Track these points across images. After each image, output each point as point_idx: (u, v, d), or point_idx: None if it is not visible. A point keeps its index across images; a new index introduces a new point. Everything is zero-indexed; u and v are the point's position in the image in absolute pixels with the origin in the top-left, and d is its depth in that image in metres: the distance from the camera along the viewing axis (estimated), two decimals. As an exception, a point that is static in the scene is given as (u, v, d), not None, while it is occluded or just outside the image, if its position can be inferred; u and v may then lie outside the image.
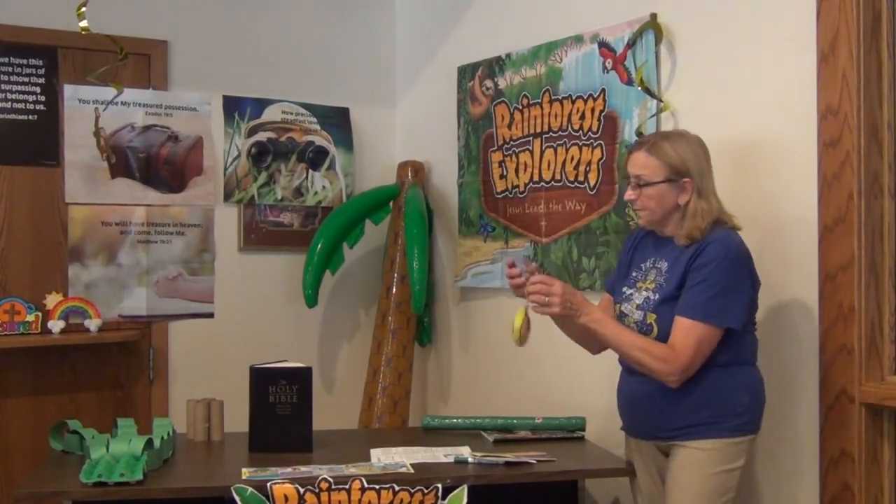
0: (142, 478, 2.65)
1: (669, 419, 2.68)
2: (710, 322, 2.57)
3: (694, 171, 2.67)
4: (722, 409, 2.64)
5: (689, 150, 2.70)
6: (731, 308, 2.59)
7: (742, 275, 2.63)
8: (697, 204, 2.67)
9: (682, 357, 2.57)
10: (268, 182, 4.42)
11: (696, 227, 2.65)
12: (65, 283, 4.00)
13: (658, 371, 2.60)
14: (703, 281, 2.59)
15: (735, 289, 2.61)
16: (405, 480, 2.63)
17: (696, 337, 2.57)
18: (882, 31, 2.76)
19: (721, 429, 2.64)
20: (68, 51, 4.00)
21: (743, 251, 2.65)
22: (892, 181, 2.78)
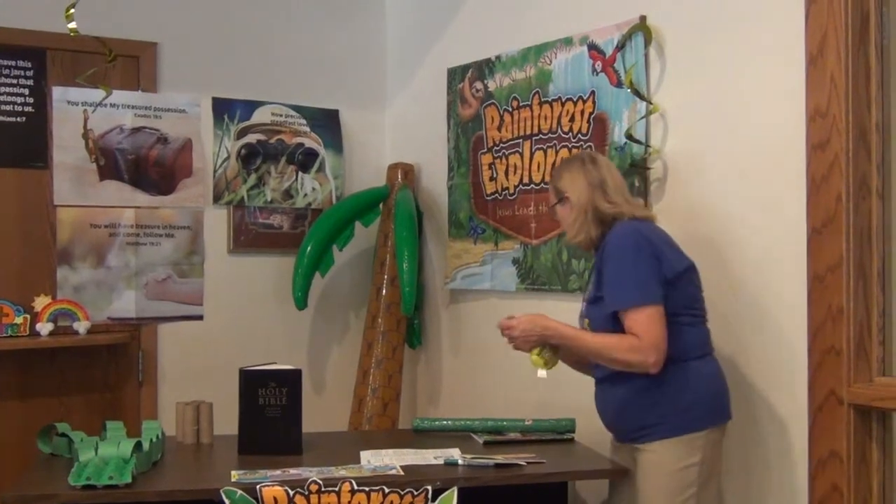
0: (131, 480, 2.64)
1: (627, 423, 2.82)
2: (638, 304, 2.67)
3: (567, 186, 2.89)
4: (666, 409, 2.73)
5: (567, 169, 2.92)
6: (642, 286, 2.68)
7: (640, 254, 2.71)
8: (574, 216, 2.87)
9: (646, 339, 2.65)
10: (257, 184, 4.42)
11: (577, 238, 2.88)
12: (53, 286, 3.99)
13: (636, 362, 2.67)
14: (609, 273, 2.74)
15: (637, 267, 2.71)
16: (395, 483, 2.63)
17: (642, 321, 2.66)
18: (870, 34, 2.77)
19: (668, 429, 2.72)
20: (57, 52, 3.99)
21: (636, 234, 2.75)
22: (880, 183, 2.79)
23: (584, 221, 2.84)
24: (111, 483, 2.61)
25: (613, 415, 2.87)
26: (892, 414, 2.79)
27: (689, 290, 2.79)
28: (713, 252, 3.12)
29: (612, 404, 2.86)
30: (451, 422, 3.43)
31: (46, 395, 3.99)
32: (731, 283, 3.06)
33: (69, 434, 3.03)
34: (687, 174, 3.23)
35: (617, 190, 2.87)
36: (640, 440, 2.77)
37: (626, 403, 2.79)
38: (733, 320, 3.05)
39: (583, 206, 2.85)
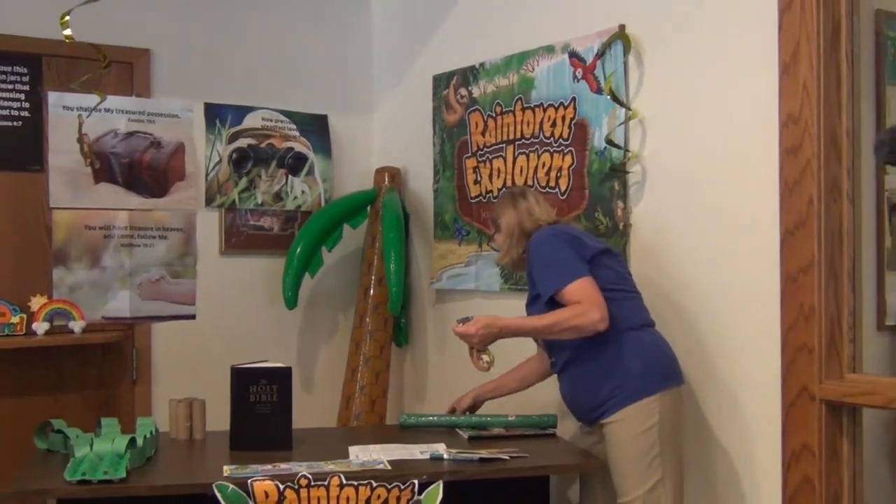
0: (125, 475, 2.64)
1: (589, 403, 2.91)
2: (570, 280, 2.80)
3: (500, 216, 3.09)
4: (619, 379, 2.83)
5: (500, 204, 3.14)
6: (568, 265, 2.83)
7: (558, 243, 2.89)
8: (502, 241, 3.09)
9: (585, 301, 2.78)
10: (248, 187, 4.41)
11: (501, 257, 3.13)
12: (49, 286, 3.97)
13: (584, 323, 2.78)
14: (539, 268, 2.90)
15: (559, 253, 2.87)
16: (382, 477, 2.63)
17: (577, 288, 2.80)
18: (841, 43, 2.79)
19: (623, 397, 2.82)
20: (52, 59, 3.98)
21: (551, 231, 2.95)
22: (850, 186, 2.80)
23: (511, 243, 3.04)
24: (106, 478, 2.60)
25: (576, 399, 2.97)
26: (863, 409, 2.81)
27: (614, 269, 2.94)
28: (689, 252, 3.13)
29: (572, 390, 2.97)
30: (436, 418, 3.43)
31: (43, 393, 3.98)
32: (705, 283, 3.08)
33: (65, 430, 3.02)
34: (665, 178, 3.24)
35: (544, 213, 3.07)
36: (603, 415, 2.85)
37: (585, 383, 2.90)
38: (707, 319, 3.07)
39: (510, 229, 3.05)
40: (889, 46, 3.26)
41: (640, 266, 3.20)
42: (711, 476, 3.07)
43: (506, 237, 3.07)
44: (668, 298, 3.14)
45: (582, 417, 3.02)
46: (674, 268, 3.17)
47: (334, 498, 2.56)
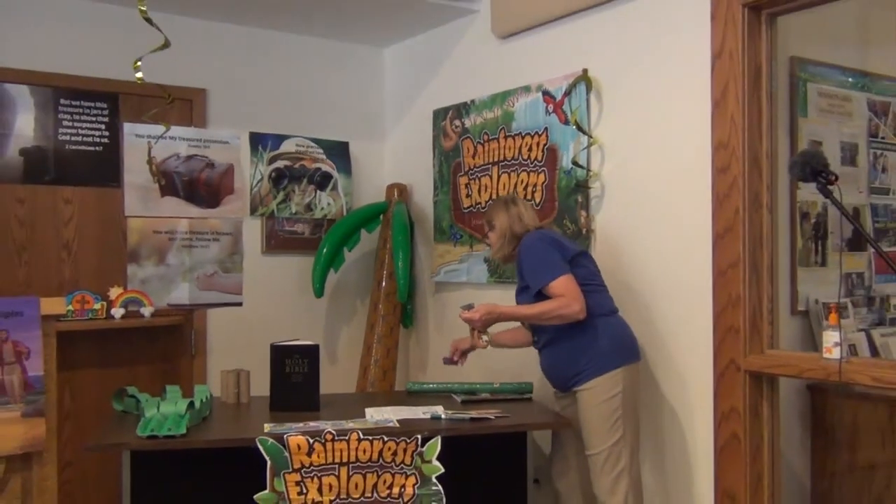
0: (185, 432, 2.63)
1: (566, 373, 2.88)
2: (555, 276, 2.78)
3: (495, 218, 3.03)
4: (591, 355, 2.81)
5: (494, 207, 3.07)
6: (553, 264, 2.80)
7: (544, 245, 2.86)
8: (495, 239, 3.05)
9: (568, 295, 2.76)
10: (284, 200, 4.39)
11: (494, 253, 3.07)
12: (125, 279, 3.95)
13: (567, 312, 2.77)
14: (527, 265, 2.87)
15: (545, 254, 2.83)
16: (392, 432, 2.62)
17: (560, 284, 2.77)
18: (762, 83, 2.78)
19: (594, 370, 2.80)
20: (127, 96, 3.95)
21: (539, 234, 2.92)
22: (769, 199, 2.79)
23: (504, 242, 3.01)
24: (170, 434, 2.59)
25: (556, 370, 2.94)
26: (779, 378, 2.80)
27: (587, 267, 2.91)
28: (639, 252, 3.12)
29: (553, 362, 2.94)
30: (436, 385, 3.42)
31: (119, 366, 3.96)
32: (652, 277, 3.07)
33: (137, 395, 3.01)
34: (619, 192, 3.23)
35: (531, 218, 3.02)
36: (577, 384, 2.84)
37: (563, 358, 2.88)
38: (653, 306, 3.06)
39: (503, 230, 3.01)
40: (800, 85, 3.26)
41: (600, 263, 3.18)
42: (660, 432, 3.06)
43: (499, 237, 3.03)
44: (625, 289, 3.13)
45: (558, 385, 3.00)
46: (628, 264, 3.16)
47: (354, 450, 2.55)
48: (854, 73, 3.47)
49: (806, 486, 3.29)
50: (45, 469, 2.20)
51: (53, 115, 3.85)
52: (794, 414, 3.28)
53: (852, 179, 3.46)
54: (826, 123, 3.37)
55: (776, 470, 2.79)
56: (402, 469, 2.59)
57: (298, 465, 2.52)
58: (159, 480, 2.62)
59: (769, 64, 2.78)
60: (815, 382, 3.18)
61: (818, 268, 3.33)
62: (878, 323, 3.52)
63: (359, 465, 2.55)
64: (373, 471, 2.56)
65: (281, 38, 4.41)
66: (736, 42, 2.75)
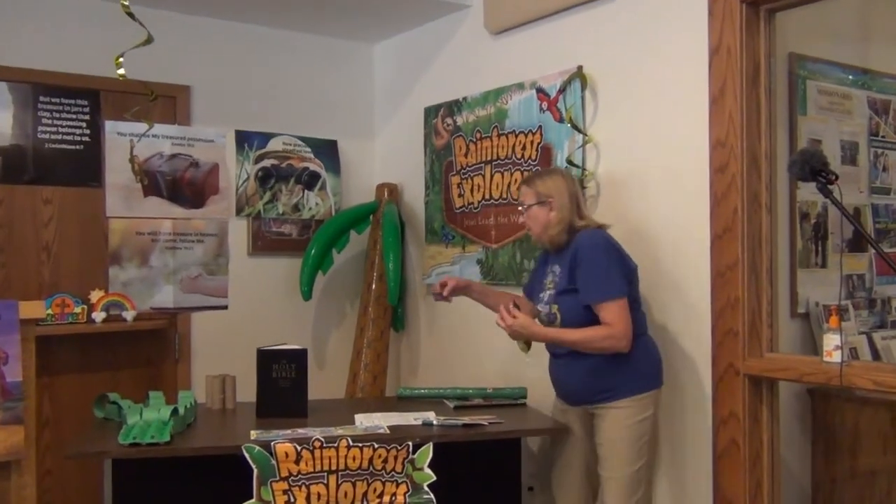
0: (169, 439, 2.62)
1: (594, 387, 2.76)
2: (612, 297, 2.66)
3: (555, 193, 2.80)
4: (629, 373, 2.72)
5: (551, 179, 2.84)
6: (615, 282, 2.68)
7: (610, 256, 2.71)
8: (554, 217, 2.80)
9: (618, 328, 2.64)
10: (271, 200, 4.38)
11: (552, 235, 2.80)
12: (106, 282, 3.92)
13: (611, 347, 2.67)
14: (586, 270, 2.69)
15: (610, 267, 2.69)
16: (383, 439, 2.62)
17: (613, 311, 2.65)
18: (761, 80, 2.79)
19: (630, 389, 2.72)
20: (109, 93, 3.95)
21: (605, 240, 2.75)
22: (768, 199, 2.80)
23: (562, 229, 2.79)
24: (153, 441, 2.58)
25: (580, 382, 2.79)
26: (779, 382, 2.81)
27: (636, 285, 2.81)
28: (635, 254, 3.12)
29: (578, 373, 2.79)
30: (427, 390, 3.41)
31: (100, 371, 3.94)
32: (649, 279, 3.07)
33: (119, 402, 3.00)
34: (614, 191, 3.24)
35: (583, 204, 2.88)
36: (606, 400, 2.74)
37: (592, 371, 2.74)
38: (650, 309, 3.06)
39: (564, 216, 2.80)
40: (800, 83, 3.27)
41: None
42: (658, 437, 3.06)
43: (557, 220, 2.79)
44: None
45: (574, 398, 2.87)
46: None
47: (343, 457, 2.54)
48: (854, 70, 3.49)
49: (807, 492, 3.30)
50: (24, 478, 2.19)
51: (32, 112, 3.83)
52: (794, 419, 3.29)
53: (853, 179, 3.47)
54: (826, 121, 3.39)
55: (776, 476, 2.80)
56: (392, 477, 2.58)
57: (286, 474, 2.51)
58: (142, 490, 2.61)
59: (768, 61, 2.79)
60: (816, 387, 3.19)
61: (818, 269, 3.34)
62: (880, 326, 3.54)
63: (348, 474, 2.55)
64: (363, 479, 2.56)
65: (267, 34, 4.40)
66: (734, 38, 2.76)
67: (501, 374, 3.66)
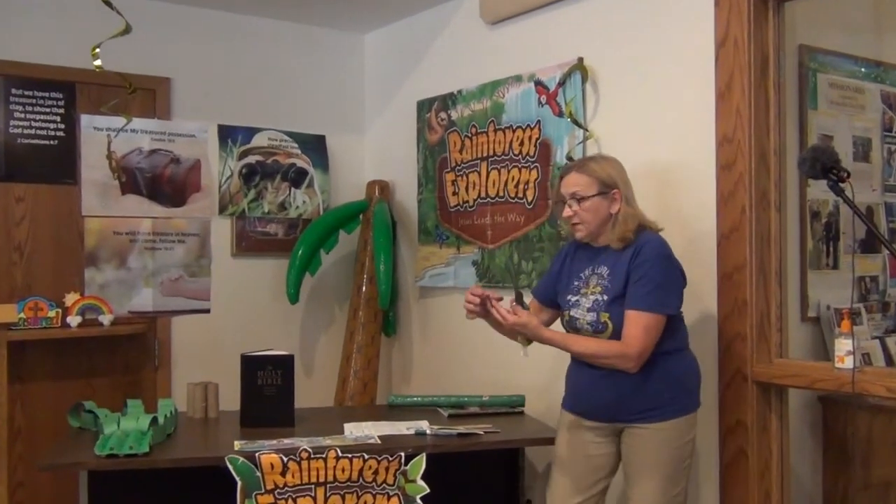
0: (148, 450, 2.61)
1: (630, 403, 2.55)
2: (654, 311, 2.49)
3: (620, 183, 2.62)
4: (676, 391, 2.57)
5: (612, 167, 2.65)
6: (669, 299, 2.53)
7: (674, 270, 2.58)
8: (627, 210, 2.60)
9: (633, 347, 2.48)
10: (256, 198, 4.38)
11: (626, 230, 2.57)
12: (82, 284, 3.92)
13: (617, 366, 2.51)
14: (644, 276, 2.50)
15: (670, 282, 2.55)
16: (373, 450, 2.62)
17: (643, 325, 2.48)
18: (769, 73, 2.80)
19: (678, 407, 2.56)
20: (84, 85, 3.94)
21: (670, 251, 2.59)
22: (777, 197, 2.81)
23: (635, 226, 2.59)
24: (131, 452, 2.58)
25: (618, 398, 2.56)
26: (789, 389, 2.82)
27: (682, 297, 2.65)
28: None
29: (617, 387, 2.56)
30: (420, 398, 3.42)
31: (76, 378, 3.93)
32: (654, 280, 3.07)
33: (95, 411, 2.99)
34: (617, 190, 3.24)
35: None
36: (649, 419, 2.54)
37: (639, 387, 2.53)
38: (656, 312, 3.06)
39: (636, 210, 2.63)
40: (810, 76, 3.28)
41: (596, 266, 3.19)
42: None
43: (629, 215, 2.59)
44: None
45: (602, 414, 2.63)
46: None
47: (331, 468, 2.54)
48: (867, 62, 3.50)
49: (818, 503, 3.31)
50: (-5, 491, 2.19)
51: (4, 106, 3.82)
52: (804, 427, 3.30)
53: (865, 176, 3.49)
54: (837, 116, 3.40)
55: (786, 487, 2.81)
56: (384, 489, 2.58)
57: (272, 486, 2.51)
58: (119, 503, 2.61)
59: (777, 53, 2.80)
60: (827, 393, 3.20)
61: (829, 271, 3.35)
62: (894, 330, 3.55)
63: (337, 486, 2.55)
64: (352, 491, 2.56)
65: (252, 23, 4.40)
66: (741, 29, 2.77)
67: (498, 381, 3.66)
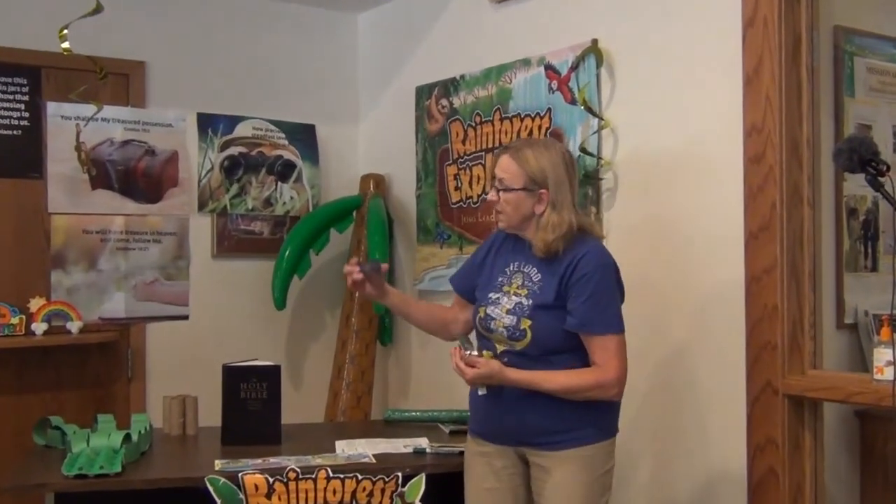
0: (120, 470, 2.61)
1: (545, 425, 2.48)
2: (618, 331, 2.47)
3: (550, 183, 2.49)
4: (601, 412, 2.51)
5: (550, 161, 2.50)
6: (617, 313, 2.49)
7: (617, 283, 2.54)
8: (550, 216, 2.49)
9: (611, 373, 2.44)
10: (239, 193, 4.39)
11: (550, 241, 2.47)
12: (48, 288, 3.94)
13: (601, 396, 2.47)
14: (594, 295, 2.44)
15: (615, 296, 2.52)
16: (368, 470, 2.62)
17: (613, 349, 2.45)
18: (801, 56, 2.80)
19: (599, 431, 2.50)
20: (51, 70, 3.94)
21: (612, 259, 2.54)
22: (810, 192, 2.81)
23: (561, 235, 2.48)
24: (102, 472, 2.58)
25: (531, 419, 2.49)
26: (823, 404, 2.82)
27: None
28: (658, 256, 3.14)
29: (530, 407, 2.49)
30: (419, 413, 3.42)
31: (41, 391, 3.94)
32: (675, 284, 3.08)
33: (62, 427, 2.99)
34: (635, 184, 3.25)
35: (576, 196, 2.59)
36: (565, 444, 2.47)
37: (550, 404, 2.46)
38: (677, 318, 3.07)
39: (565, 219, 2.48)
40: (847, 60, 3.28)
41: (612, 268, 3.20)
42: (683, 467, 3.07)
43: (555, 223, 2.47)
44: (641, 299, 3.14)
45: (511, 437, 2.55)
46: (644, 270, 3.17)
47: (321, 490, 2.54)
48: (910, 44, 3.51)
49: (855, 529, 3.32)
50: (-47, 515, 2.19)
51: (-37, 92, 3.84)
52: (840, 445, 3.30)
53: (908, 169, 3.48)
54: (876, 104, 3.40)
55: (820, 511, 2.81)
56: (378, 513, 2.59)
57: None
58: (90, 528, 2.61)
59: (810, 34, 2.80)
60: (865, 408, 3.20)
61: (868, 273, 3.36)
62: (939, 338, 3.54)
63: (328, 509, 2.55)
64: (344, 515, 2.56)
65: (235, 2, 4.41)
66: (771, 8, 2.77)
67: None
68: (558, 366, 2.48)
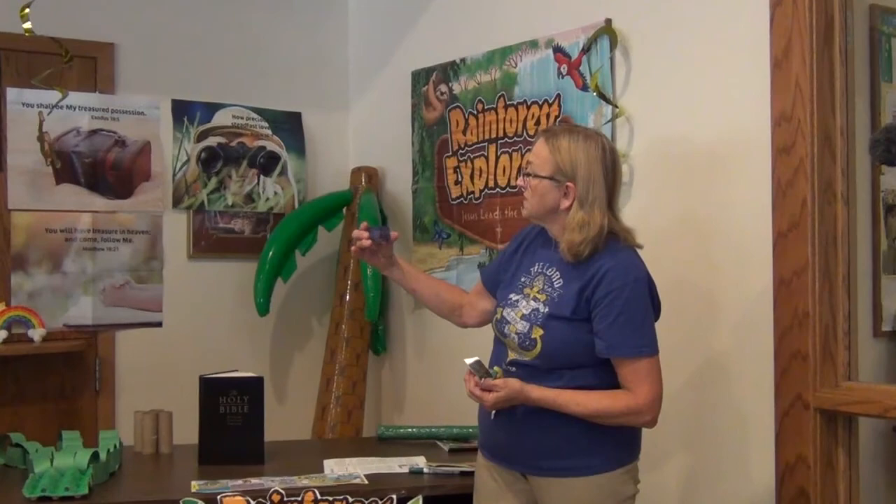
0: (87, 492, 2.62)
1: (559, 453, 2.46)
2: (648, 353, 2.42)
3: (580, 177, 2.44)
4: (614, 437, 2.46)
5: (585, 154, 2.45)
6: (651, 333, 2.44)
7: (650, 300, 2.48)
8: (576, 214, 2.44)
9: (641, 398, 2.40)
10: (218, 188, 4.39)
11: (577, 243, 2.42)
12: (7, 292, 3.94)
13: (634, 423, 2.45)
14: (621, 314, 2.39)
15: (648, 313, 2.46)
16: (359, 492, 2.62)
17: (649, 372, 2.41)
18: (834, 39, 2.80)
19: (611, 459, 2.46)
20: (11, 53, 3.95)
21: (645, 271, 2.48)
22: (845, 187, 2.81)
23: (589, 238, 2.42)
24: (67, 494, 2.58)
25: (538, 437, 2.48)
26: (858, 419, 2.82)
27: None
28: (678, 255, 3.14)
29: (537, 428, 2.47)
30: (416, 429, 3.42)
31: (0, 405, 3.94)
32: (695, 286, 3.08)
33: (23, 444, 3.00)
34: (651, 178, 3.25)
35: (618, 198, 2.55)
36: (575, 472, 2.44)
37: (565, 429, 2.44)
38: (698, 325, 3.07)
39: (595, 219, 2.43)
40: (884, 42, 3.28)
41: (627, 270, 3.20)
42: (708, 487, 3.08)
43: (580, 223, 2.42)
44: (657, 304, 3.15)
45: (517, 461, 2.55)
46: (661, 271, 3.16)
47: (308, 514, 2.55)
48: (954, 25, 3.51)
49: (893, 557, 3.32)
50: None
51: (-86, 77, 3.85)
52: (876, 463, 3.31)
53: (952, 162, 3.49)
54: (917, 90, 3.41)
55: (855, 536, 2.82)
56: (371, 539, 2.59)
57: (236, 535, 2.52)
58: (54, 555, 2.62)
59: (844, 14, 2.80)
60: (905, 424, 3.20)
61: (908, 276, 3.36)
62: None
63: (315, 534, 2.56)
64: (333, 541, 2.57)
65: (213, -22, 4.41)
66: (802, -15, 2.78)
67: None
68: (574, 382, 2.44)
